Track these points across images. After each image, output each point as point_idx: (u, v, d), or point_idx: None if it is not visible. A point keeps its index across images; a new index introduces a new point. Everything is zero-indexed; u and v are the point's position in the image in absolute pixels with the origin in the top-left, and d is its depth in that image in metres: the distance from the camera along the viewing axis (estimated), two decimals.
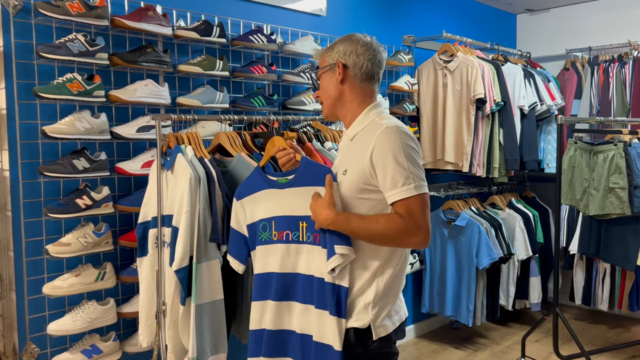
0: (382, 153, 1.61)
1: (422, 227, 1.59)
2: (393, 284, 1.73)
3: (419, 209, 1.59)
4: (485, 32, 4.67)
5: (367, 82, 1.78)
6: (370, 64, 1.76)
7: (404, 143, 1.62)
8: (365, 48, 1.76)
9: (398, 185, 1.59)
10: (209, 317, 2.17)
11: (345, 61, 1.76)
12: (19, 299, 2.33)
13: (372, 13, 3.75)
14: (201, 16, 2.77)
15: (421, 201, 1.60)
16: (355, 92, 1.78)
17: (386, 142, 1.62)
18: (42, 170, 2.25)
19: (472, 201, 4.01)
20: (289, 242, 1.87)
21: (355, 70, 1.76)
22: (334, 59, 1.78)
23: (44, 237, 2.36)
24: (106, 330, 2.48)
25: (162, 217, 2.25)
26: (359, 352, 1.71)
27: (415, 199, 1.59)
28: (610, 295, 4.04)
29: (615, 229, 3.65)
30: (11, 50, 2.25)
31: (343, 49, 1.77)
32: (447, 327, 4.28)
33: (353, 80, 1.77)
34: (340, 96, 1.79)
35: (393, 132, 1.63)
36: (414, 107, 3.80)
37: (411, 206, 1.59)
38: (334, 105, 1.81)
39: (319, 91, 1.85)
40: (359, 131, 1.73)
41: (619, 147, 3.43)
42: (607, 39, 4.45)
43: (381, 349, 1.72)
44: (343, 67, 1.76)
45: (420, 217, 1.59)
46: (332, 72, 1.78)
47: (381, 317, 1.71)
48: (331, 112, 1.83)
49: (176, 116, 2.30)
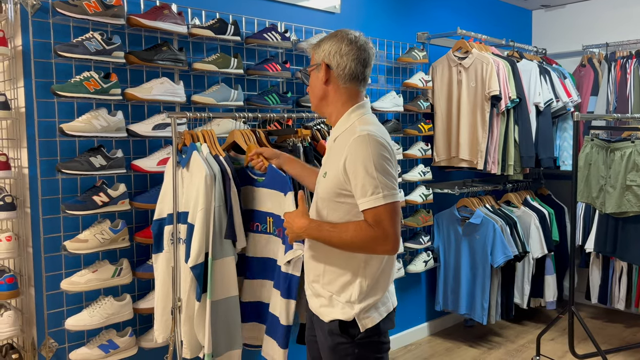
0: (354, 161, 1.63)
1: (389, 236, 1.61)
2: (379, 280, 1.75)
3: (387, 218, 1.60)
4: (500, 29, 4.63)
5: (352, 82, 1.76)
6: (354, 64, 1.73)
7: (374, 152, 1.62)
8: (349, 47, 1.73)
9: (367, 194, 1.61)
10: (224, 313, 2.19)
11: (329, 62, 1.75)
12: (38, 295, 2.37)
13: (386, 10, 3.74)
14: (216, 14, 2.78)
15: (390, 210, 1.61)
16: (339, 92, 1.77)
17: (358, 151, 1.63)
18: (60, 167, 2.28)
19: (487, 199, 3.99)
20: (259, 232, 2.34)
21: (339, 71, 1.74)
22: (320, 57, 1.77)
23: (61, 234, 2.40)
24: (122, 325, 2.51)
25: (178, 214, 2.27)
26: (345, 342, 1.74)
27: (383, 208, 1.60)
28: (627, 294, 4.00)
29: (632, 227, 3.61)
30: (30, 49, 2.28)
31: (328, 48, 1.75)
32: (461, 325, 4.27)
33: (337, 81, 1.76)
34: (324, 96, 1.79)
35: (365, 140, 1.63)
36: (428, 104, 3.78)
37: (379, 215, 1.61)
38: (319, 104, 1.82)
39: (308, 87, 1.85)
40: (340, 133, 1.74)
41: (636, 144, 3.39)
42: (624, 34, 4.39)
43: (368, 339, 1.74)
44: (326, 68, 1.75)
45: (389, 226, 1.61)
46: (318, 71, 1.78)
47: (367, 310, 1.73)
48: (318, 109, 1.85)
49: (191, 114, 2.32)
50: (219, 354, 2.19)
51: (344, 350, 1.75)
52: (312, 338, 1.93)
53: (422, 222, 3.73)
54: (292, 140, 2.51)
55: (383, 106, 3.46)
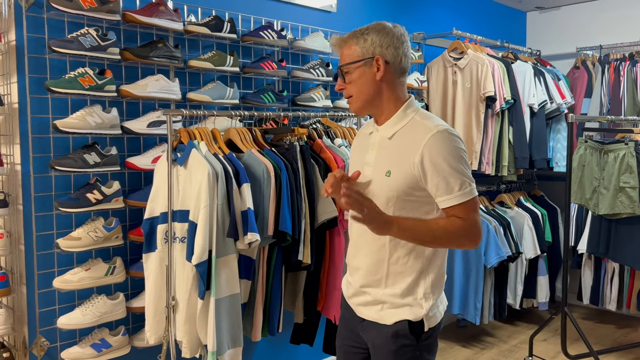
0: (436, 158, 1.57)
1: (479, 228, 1.61)
2: (441, 276, 1.72)
3: (475, 211, 1.61)
4: (495, 30, 4.64)
5: (403, 76, 1.68)
6: (406, 57, 1.66)
7: (456, 147, 1.58)
8: (400, 40, 1.64)
9: (454, 190, 1.57)
10: (227, 310, 2.18)
11: (385, 55, 1.62)
12: (30, 293, 2.34)
13: (382, 9, 3.74)
14: (212, 11, 2.77)
15: (476, 203, 1.61)
16: (393, 88, 1.66)
17: (439, 147, 1.57)
18: (53, 164, 2.25)
19: (481, 199, 4.00)
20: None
21: (395, 65, 1.64)
22: (369, 51, 1.63)
23: (54, 231, 2.37)
24: (115, 324, 2.49)
25: (173, 212, 2.25)
26: (409, 344, 1.68)
27: (473, 201, 1.60)
28: (619, 295, 4.02)
29: (625, 228, 3.63)
30: (23, 45, 2.25)
31: (379, 41, 1.62)
32: (454, 325, 4.27)
33: (393, 77, 1.65)
34: (378, 93, 1.65)
35: (444, 136, 1.57)
36: (423, 104, 3.78)
37: (469, 208, 1.59)
38: (368, 102, 1.67)
39: (348, 84, 1.66)
40: (398, 130, 1.65)
41: (629, 146, 3.41)
42: (618, 37, 4.41)
43: (428, 340, 1.71)
44: (384, 63, 1.62)
45: (477, 219, 1.61)
46: (368, 66, 1.63)
47: (432, 309, 1.69)
48: (364, 108, 1.69)
49: (187, 111, 2.30)
50: (223, 351, 2.18)
51: (408, 353, 1.69)
52: (349, 349, 1.83)
53: None
54: (289, 139, 2.50)
55: None
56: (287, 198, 2.32)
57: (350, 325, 1.81)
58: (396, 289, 1.68)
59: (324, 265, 2.60)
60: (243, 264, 2.29)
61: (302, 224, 2.39)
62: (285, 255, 2.44)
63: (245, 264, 2.30)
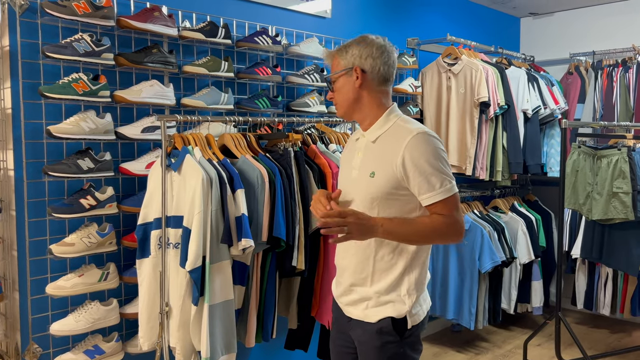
0: (417, 159, 1.66)
1: (460, 224, 1.71)
2: (424, 273, 1.79)
3: (456, 207, 1.70)
4: (489, 36, 4.67)
5: (384, 84, 1.80)
6: (387, 66, 1.78)
7: (435, 147, 1.68)
8: (380, 51, 1.77)
9: (436, 188, 1.67)
10: (220, 317, 2.18)
11: (362, 65, 1.77)
12: (22, 299, 2.33)
13: (377, 15, 3.75)
14: (207, 17, 2.77)
15: (457, 199, 1.70)
16: (373, 95, 1.79)
17: (419, 148, 1.67)
18: (46, 170, 2.24)
19: (475, 204, 4.01)
20: None
21: (373, 74, 1.77)
22: (349, 62, 1.78)
23: (47, 237, 2.36)
24: (109, 330, 2.48)
25: (167, 218, 2.25)
26: (393, 341, 1.75)
27: (453, 198, 1.69)
28: (613, 300, 4.03)
29: (618, 233, 3.65)
30: (17, 50, 2.25)
31: (359, 52, 1.77)
32: (449, 330, 4.27)
33: (371, 85, 1.78)
34: (358, 99, 1.80)
35: (424, 138, 1.68)
36: (417, 109, 3.80)
37: (451, 205, 1.68)
38: (351, 108, 1.81)
39: (334, 93, 1.83)
40: (382, 134, 1.77)
41: (622, 151, 3.43)
42: (611, 43, 4.45)
43: (412, 338, 1.77)
44: (361, 72, 1.76)
45: (458, 214, 1.70)
46: (349, 75, 1.78)
47: (415, 306, 1.76)
48: (347, 114, 1.84)
49: (182, 117, 2.30)
50: (216, 357, 2.18)
51: (392, 349, 1.75)
52: (341, 349, 1.90)
53: None
54: (283, 145, 2.50)
55: None
56: (282, 204, 2.32)
57: (340, 325, 1.89)
58: (381, 286, 1.76)
59: (318, 271, 2.59)
60: (237, 270, 2.28)
61: (296, 229, 2.39)
62: (279, 261, 2.44)
63: (239, 270, 2.30)
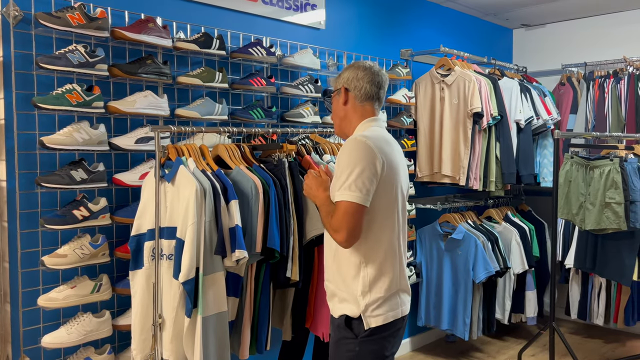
0: (337, 160, 1.91)
1: (339, 229, 1.84)
2: (381, 276, 1.91)
3: (341, 213, 1.83)
4: (482, 47, 4.71)
5: (367, 101, 2.03)
6: (369, 85, 2.01)
7: (351, 154, 1.85)
8: (365, 72, 2.02)
9: (336, 189, 1.87)
10: (214, 329, 2.16)
11: (348, 85, 2.03)
12: (14, 311, 2.30)
13: (370, 27, 3.78)
14: (201, 28, 2.78)
15: (344, 206, 1.83)
16: (356, 110, 2.04)
17: (342, 151, 1.89)
18: (39, 181, 2.23)
19: (469, 214, 4.02)
20: None
21: (356, 92, 2.02)
22: (340, 84, 2.06)
23: (40, 248, 2.34)
24: (101, 342, 2.46)
25: (161, 229, 2.24)
26: (348, 337, 1.92)
27: (340, 204, 1.84)
28: (606, 310, 4.04)
29: (611, 243, 3.66)
30: (11, 61, 2.24)
31: (347, 76, 2.04)
32: (443, 341, 4.27)
33: (354, 101, 2.03)
34: (344, 115, 2.06)
35: (350, 142, 1.89)
36: (411, 120, 3.81)
37: (339, 208, 1.84)
38: (340, 124, 2.09)
39: (332, 113, 2.13)
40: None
41: (615, 162, 3.45)
42: (602, 54, 4.49)
43: (371, 338, 1.89)
44: (345, 91, 2.04)
45: (341, 220, 1.82)
46: (339, 95, 2.07)
47: (372, 308, 1.89)
48: (340, 130, 2.11)
49: (176, 128, 2.30)
50: None
51: (346, 345, 1.92)
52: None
53: None
54: (277, 155, 2.50)
55: None
56: (276, 214, 2.32)
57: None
58: (339, 282, 1.95)
59: (312, 282, 2.59)
60: (231, 281, 2.27)
61: (291, 240, 2.38)
62: (273, 272, 2.43)
63: (233, 281, 2.28)
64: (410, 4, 4.08)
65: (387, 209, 1.92)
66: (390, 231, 1.94)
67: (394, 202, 1.94)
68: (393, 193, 1.93)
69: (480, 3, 4.29)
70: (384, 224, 1.92)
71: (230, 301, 2.27)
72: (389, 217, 1.93)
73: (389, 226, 1.93)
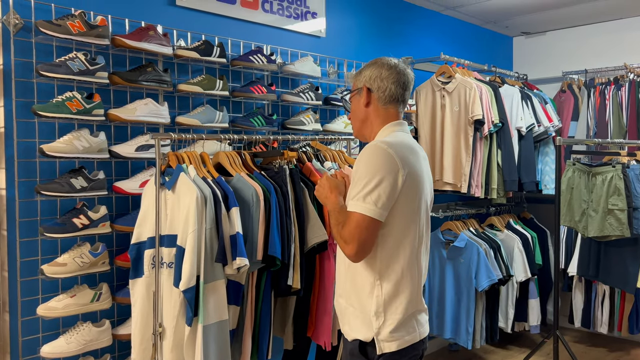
0: (355, 166, 1.75)
1: (349, 241, 1.68)
2: (393, 298, 1.73)
3: (353, 225, 1.67)
4: (483, 55, 4.71)
5: (391, 104, 1.85)
6: (394, 86, 1.83)
7: (370, 161, 1.70)
8: (389, 72, 1.83)
9: (350, 197, 1.72)
10: (215, 337, 2.14)
11: (370, 85, 1.85)
12: (13, 320, 2.28)
13: (371, 34, 3.78)
14: (201, 36, 2.78)
15: (356, 218, 1.67)
16: (379, 113, 1.86)
17: (360, 157, 1.73)
18: (39, 189, 2.22)
19: (471, 222, 4.00)
20: None
21: (379, 93, 1.84)
22: (361, 83, 1.87)
23: (39, 257, 2.33)
24: (101, 352, 2.44)
25: (161, 237, 2.22)
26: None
27: (353, 215, 1.68)
28: (610, 318, 4.01)
29: (614, 250, 3.64)
30: (11, 69, 2.24)
31: (369, 74, 1.85)
32: (446, 350, 4.23)
33: (377, 103, 1.85)
34: (365, 118, 1.88)
35: (369, 148, 1.73)
36: (412, 127, 3.80)
37: (351, 220, 1.68)
38: (360, 127, 1.91)
39: (350, 113, 1.94)
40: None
41: (617, 168, 3.44)
42: (602, 61, 4.49)
43: None
44: (367, 91, 1.85)
45: (352, 232, 1.67)
46: (360, 95, 1.87)
47: (386, 332, 1.72)
48: (359, 133, 1.93)
49: (176, 135, 2.29)
50: None
51: None
52: None
53: None
54: (278, 163, 2.49)
55: None
56: (277, 222, 2.30)
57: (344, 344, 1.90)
58: (353, 298, 1.78)
59: (314, 290, 2.56)
60: (232, 289, 2.25)
61: (292, 248, 2.36)
62: (275, 280, 2.41)
63: (234, 289, 2.26)
64: (410, 12, 4.08)
65: (406, 223, 1.74)
66: (410, 246, 1.75)
67: (415, 215, 1.76)
68: (415, 205, 1.75)
69: (480, 11, 4.30)
70: (403, 239, 1.74)
71: (231, 309, 2.24)
72: (409, 232, 1.74)
73: (408, 241, 1.74)
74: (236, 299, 2.29)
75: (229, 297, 2.23)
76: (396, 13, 3.96)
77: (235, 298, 2.28)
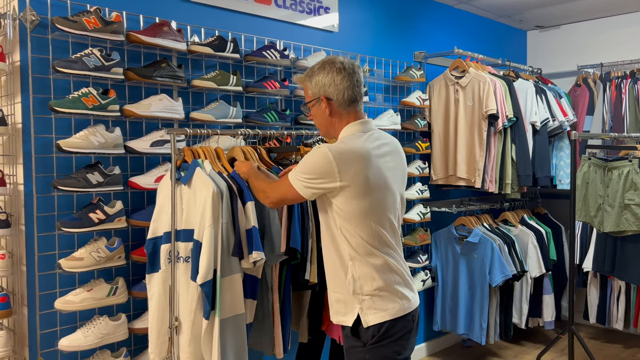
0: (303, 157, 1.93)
1: (270, 195, 2.00)
2: (366, 274, 1.84)
3: (283, 186, 1.94)
4: (496, 49, 4.67)
5: (352, 105, 1.91)
6: (351, 90, 1.88)
7: (309, 160, 1.84)
8: (342, 76, 1.87)
9: (292, 171, 1.91)
10: (232, 331, 2.15)
11: (327, 94, 1.89)
12: (31, 314, 2.31)
13: (384, 29, 3.76)
14: (215, 32, 2.78)
15: (287, 184, 1.90)
16: (341, 117, 1.93)
17: (308, 153, 1.87)
18: (56, 184, 2.24)
19: (485, 217, 3.98)
20: None
21: (339, 99, 1.89)
22: (316, 91, 1.92)
23: (56, 252, 2.35)
24: (117, 346, 2.46)
25: (177, 231, 2.23)
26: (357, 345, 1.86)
27: (286, 180, 1.91)
28: (626, 314, 3.97)
29: (630, 246, 3.60)
30: (28, 65, 2.26)
31: (323, 81, 1.88)
32: (460, 346, 4.22)
33: (339, 110, 1.91)
34: (331, 124, 1.95)
35: (317, 150, 1.83)
36: (425, 122, 3.79)
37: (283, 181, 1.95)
38: (327, 131, 1.99)
39: (313, 119, 2.01)
40: None
41: (633, 163, 3.40)
42: (618, 55, 4.44)
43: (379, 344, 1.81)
44: (327, 100, 1.90)
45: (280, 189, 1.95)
46: (318, 104, 1.93)
47: (367, 303, 1.83)
48: (326, 134, 2.03)
49: (191, 130, 2.30)
50: None
51: (356, 354, 1.86)
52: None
53: (420, 240, 3.70)
54: (294, 157, 2.50)
55: (381, 124, 3.46)
56: (299, 215, 2.31)
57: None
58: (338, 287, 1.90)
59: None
60: (248, 283, 2.26)
61: (309, 242, 2.37)
62: (294, 274, 2.42)
63: (250, 283, 2.27)
64: (424, 7, 4.06)
65: (365, 211, 1.82)
66: (371, 229, 1.84)
67: (373, 205, 1.84)
68: (367, 201, 1.82)
69: (494, 5, 4.26)
70: (363, 224, 1.83)
71: (247, 303, 2.25)
72: (369, 217, 1.83)
73: (368, 224, 1.84)
74: (253, 293, 2.29)
75: (246, 291, 2.25)
76: (409, 7, 3.94)
77: (251, 292, 2.29)
